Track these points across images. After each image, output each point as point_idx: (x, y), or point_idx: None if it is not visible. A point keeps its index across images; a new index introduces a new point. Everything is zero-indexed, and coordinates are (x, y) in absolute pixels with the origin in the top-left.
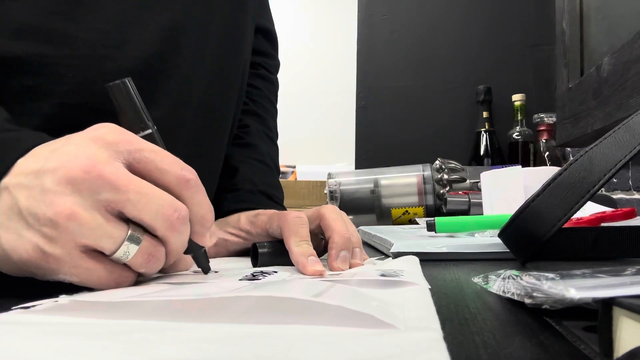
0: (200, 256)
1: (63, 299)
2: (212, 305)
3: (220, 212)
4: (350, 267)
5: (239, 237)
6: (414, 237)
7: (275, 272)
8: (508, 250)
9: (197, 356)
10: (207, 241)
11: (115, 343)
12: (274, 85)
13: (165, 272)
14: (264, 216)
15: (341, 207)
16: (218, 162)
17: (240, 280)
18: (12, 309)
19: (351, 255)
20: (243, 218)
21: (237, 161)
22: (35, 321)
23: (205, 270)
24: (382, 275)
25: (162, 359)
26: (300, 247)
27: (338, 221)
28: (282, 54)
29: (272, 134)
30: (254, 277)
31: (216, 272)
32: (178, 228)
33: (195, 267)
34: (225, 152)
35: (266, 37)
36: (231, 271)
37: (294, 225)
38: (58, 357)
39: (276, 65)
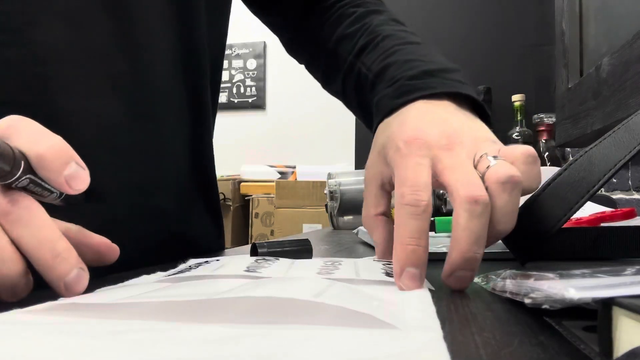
0: None
1: (63, 299)
2: (212, 305)
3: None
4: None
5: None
6: None
7: (277, 259)
8: (508, 250)
9: (197, 356)
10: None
11: (115, 343)
12: None
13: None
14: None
15: (341, 207)
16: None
17: (245, 269)
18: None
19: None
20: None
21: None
22: (35, 321)
23: None
24: (387, 274)
25: (162, 359)
26: (404, 249)
27: (471, 221)
28: (283, 54)
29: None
30: (257, 263)
31: (218, 260)
32: None
33: (198, 261)
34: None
35: None
36: (232, 260)
37: (404, 216)
38: (58, 357)
39: None
